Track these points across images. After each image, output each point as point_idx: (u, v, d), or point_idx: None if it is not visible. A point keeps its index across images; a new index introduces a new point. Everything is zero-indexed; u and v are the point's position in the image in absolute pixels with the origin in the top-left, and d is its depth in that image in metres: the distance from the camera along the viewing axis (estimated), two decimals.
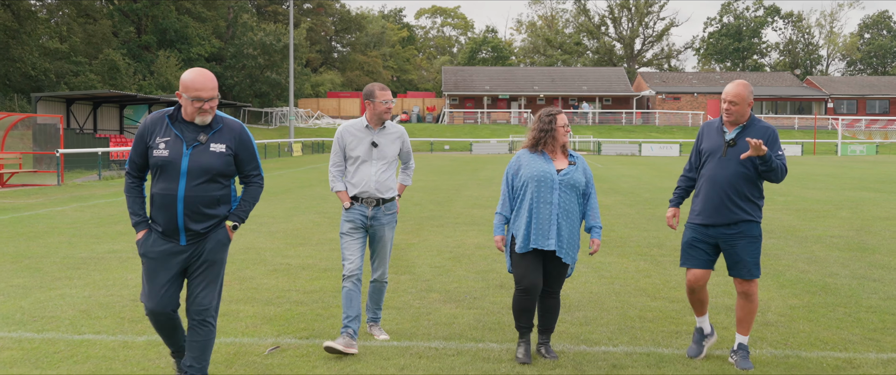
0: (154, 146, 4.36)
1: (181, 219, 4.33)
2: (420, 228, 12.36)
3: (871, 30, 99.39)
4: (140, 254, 4.46)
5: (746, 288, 5.25)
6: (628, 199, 17.79)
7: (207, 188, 4.36)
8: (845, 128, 60.94)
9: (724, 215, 5.20)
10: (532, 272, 5.20)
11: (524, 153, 5.41)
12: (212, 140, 4.39)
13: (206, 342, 4.47)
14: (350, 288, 5.54)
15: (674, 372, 5.10)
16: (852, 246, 10.62)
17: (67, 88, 45.79)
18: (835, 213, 14.75)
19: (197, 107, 4.31)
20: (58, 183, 22.98)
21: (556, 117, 5.37)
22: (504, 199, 5.41)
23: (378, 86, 5.72)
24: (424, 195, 18.37)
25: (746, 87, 5.22)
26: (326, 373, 5.04)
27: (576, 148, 54.76)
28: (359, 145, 5.68)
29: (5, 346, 5.58)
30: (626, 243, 10.86)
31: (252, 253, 9.78)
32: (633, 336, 5.94)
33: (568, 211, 5.25)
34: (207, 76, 4.34)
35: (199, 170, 4.32)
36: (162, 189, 4.35)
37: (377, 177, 5.66)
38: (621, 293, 7.52)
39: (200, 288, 4.44)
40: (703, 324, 5.49)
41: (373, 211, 5.67)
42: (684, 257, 5.41)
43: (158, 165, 4.34)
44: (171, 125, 4.40)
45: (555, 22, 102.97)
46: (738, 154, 5.18)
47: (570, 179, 5.28)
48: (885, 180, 25.14)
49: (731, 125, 5.30)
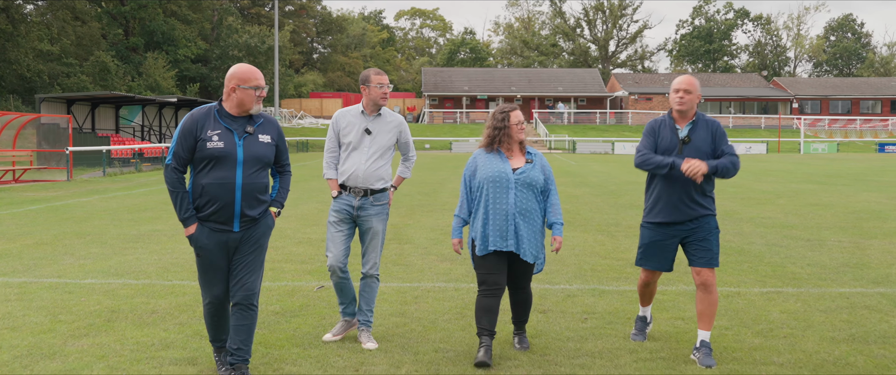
0: (207, 139, 4.50)
1: (238, 206, 4.52)
2: (412, 213, 14.31)
3: (836, 32, 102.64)
4: (195, 247, 4.62)
5: (706, 277, 5.23)
6: (596, 191, 19.85)
7: (260, 176, 4.61)
8: (808, 127, 63.62)
9: (684, 212, 5.24)
10: (495, 273, 5.17)
11: (480, 153, 5.33)
12: (258, 131, 4.63)
13: (251, 325, 4.64)
14: (338, 280, 5.60)
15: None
16: (777, 224, 12.70)
17: (61, 89, 47.26)
18: (774, 201, 16.87)
19: (257, 95, 4.57)
20: (68, 178, 24.68)
21: (510, 114, 5.27)
22: (462, 201, 5.36)
23: (374, 71, 5.58)
24: (412, 188, 20.32)
25: (695, 78, 5.34)
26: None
27: (551, 146, 56.91)
28: (352, 131, 5.54)
29: (116, 288, 7.47)
30: (588, 222, 12.90)
31: (274, 231, 11.70)
32: (584, 280, 7.96)
33: (525, 211, 5.17)
34: (256, 68, 4.63)
35: (253, 159, 4.56)
36: (218, 178, 4.50)
37: (367, 166, 5.50)
38: (580, 255, 9.53)
39: (248, 272, 4.61)
40: (646, 313, 5.80)
41: (360, 201, 5.52)
42: (643, 258, 5.48)
43: (213, 157, 4.50)
44: (220, 119, 4.58)
45: (531, 24, 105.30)
46: (694, 150, 5.22)
47: (526, 178, 5.19)
48: (832, 175, 27.41)
49: (682, 118, 5.32)
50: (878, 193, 18.91)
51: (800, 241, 10.79)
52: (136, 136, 38.06)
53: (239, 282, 4.59)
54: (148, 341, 5.59)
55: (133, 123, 38.40)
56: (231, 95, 4.58)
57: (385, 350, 5.43)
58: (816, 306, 6.80)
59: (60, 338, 5.67)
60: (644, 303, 5.80)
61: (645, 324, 5.80)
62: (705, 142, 5.26)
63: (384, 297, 7.06)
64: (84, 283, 7.68)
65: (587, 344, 5.59)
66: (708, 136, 5.28)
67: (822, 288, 7.57)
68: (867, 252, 9.84)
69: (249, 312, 4.61)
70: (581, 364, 5.13)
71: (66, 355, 5.26)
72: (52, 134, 29.13)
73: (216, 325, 4.86)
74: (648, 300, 5.77)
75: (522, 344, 5.45)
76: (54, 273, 8.25)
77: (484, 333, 5.13)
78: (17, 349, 5.40)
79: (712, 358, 5.11)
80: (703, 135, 5.28)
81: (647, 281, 5.63)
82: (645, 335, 5.77)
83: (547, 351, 5.40)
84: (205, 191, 4.52)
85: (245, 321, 4.60)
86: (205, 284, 4.70)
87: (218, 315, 4.80)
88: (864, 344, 5.61)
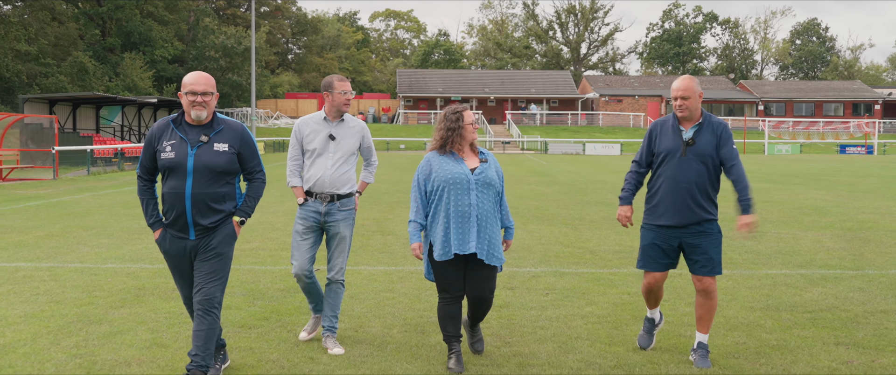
0: (161, 149, 4.62)
1: (190, 215, 4.58)
2: (392, 209, 15.36)
3: (802, 36, 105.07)
4: (162, 252, 4.80)
5: (707, 284, 5.19)
6: (564, 189, 21.01)
7: (213, 185, 4.61)
8: (772, 129, 65.46)
9: (688, 216, 5.15)
10: (455, 280, 5.09)
11: (433, 155, 5.18)
12: (214, 140, 4.64)
13: (210, 331, 4.63)
14: (305, 285, 5.68)
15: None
16: (726, 219, 13.72)
17: (39, 89, 47.69)
18: (728, 198, 18.02)
19: (191, 101, 4.56)
20: (54, 177, 25.40)
21: (463, 114, 5.15)
22: (417, 207, 5.17)
23: (336, 77, 5.60)
24: (390, 186, 21.35)
25: (693, 80, 5.18)
26: (353, 283, 8.03)
27: (524, 147, 58.17)
28: (316, 138, 5.55)
29: (136, 271, 8.45)
30: (554, 217, 14.04)
31: (266, 225, 12.67)
32: (548, 264, 9.07)
33: (486, 211, 5.08)
34: (203, 74, 4.65)
35: (205, 169, 4.58)
36: (171, 188, 4.61)
37: (332, 172, 5.52)
38: (545, 244, 10.65)
39: (207, 280, 4.63)
40: (654, 315, 5.66)
41: (327, 206, 5.54)
42: (645, 260, 5.37)
43: (167, 167, 4.61)
44: (176, 129, 4.66)
45: (505, 26, 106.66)
46: (697, 153, 5.13)
47: (484, 177, 5.10)
48: (789, 175, 28.83)
49: (687, 122, 5.21)
50: (826, 191, 20.26)
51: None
52: (116, 136, 38.70)
53: (198, 288, 4.63)
54: (177, 311, 6.60)
55: (113, 123, 39.04)
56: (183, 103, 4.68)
57: (378, 316, 6.49)
58: (744, 284, 7.96)
59: (101, 309, 6.66)
60: (651, 306, 5.62)
61: (653, 325, 5.63)
62: (710, 144, 5.16)
63: (373, 278, 8.12)
64: (106, 267, 8.66)
65: (546, 312, 6.69)
66: (712, 139, 5.17)
67: (752, 270, 8.74)
68: (800, 241, 11.05)
69: (208, 317, 4.61)
70: (541, 326, 6.22)
71: (110, 321, 6.26)
72: (37, 134, 29.77)
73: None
74: (655, 303, 5.60)
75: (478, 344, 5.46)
76: (76, 259, 9.21)
77: (452, 339, 5.11)
78: (66, 317, 6.39)
79: (708, 360, 5.15)
80: (708, 137, 5.17)
81: (650, 287, 5.45)
82: (653, 336, 5.60)
83: (512, 317, 6.50)
84: (164, 200, 4.67)
85: (202, 326, 4.60)
86: (180, 288, 4.93)
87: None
88: (775, 311, 6.77)
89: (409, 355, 5.42)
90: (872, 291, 7.61)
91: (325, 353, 5.45)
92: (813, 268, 8.90)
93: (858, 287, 7.82)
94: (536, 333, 6.04)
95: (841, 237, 11.52)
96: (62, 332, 5.95)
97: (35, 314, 6.49)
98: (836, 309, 6.84)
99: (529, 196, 18.45)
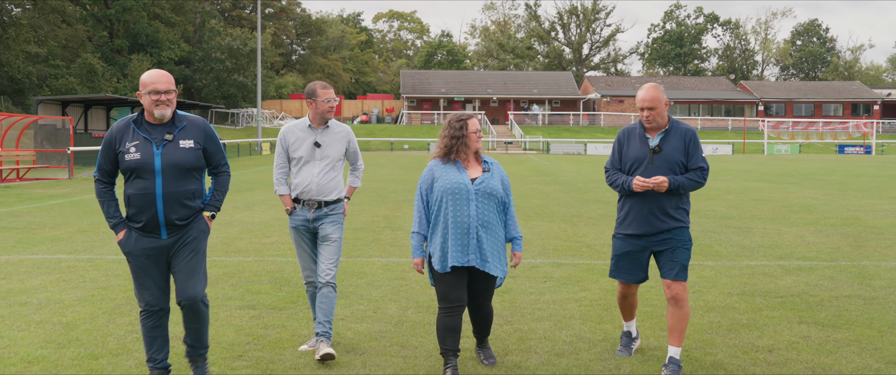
0: (124, 151, 4.53)
1: (162, 215, 4.53)
2: (399, 206, 16.13)
3: (802, 37, 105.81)
4: (125, 253, 4.64)
5: (676, 290, 5.14)
6: (565, 188, 21.78)
7: (183, 182, 4.59)
8: (772, 129, 66.20)
9: (656, 224, 5.15)
10: (456, 289, 4.98)
11: (436, 163, 5.13)
12: (179, 137, 4.60)
13: (201, 324, 4.73)
14: (313, 292, 5.75)
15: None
16: (717, 216, 14.66)
17: (49, 91, 48.57)
18: (722, 197, 18.86)
19: (154, 100, 4.50)
20: (69, 177, 26.22)
21: (468, 122, 5.08)
22: (419, 217, 5.12)
23: (320, 84, 5.58)
24: (397, 185, 22.13)
25: (658, 89, 5.13)
26: (353, 283, 8.79)
27: (526, 147, 58.94)
28: (301, 146, 5.56)
29: None
30: (554, 214, 14.81)
31: (282, 221, 13.44)
32: (546, 256, 9.85)
33: (487, 222, 4.98)
34: (162, 72, 4.60)
35: (173, 167, 4.54)
36: (139, 188, 4.52)
37: (319, 179, 5.54)
38: (545, 238, 11.42)
39: (186, 277, 4.62)
40: (631, 328, 5.65)
41: (314, 213, 5.56)
42: (617, 270, 5.39)
43: (132, 168, 4.52)
44: (137, 129, 4.57)
45: (507, 27, 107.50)
46: (665, 160, 5.13)
47: (485, 187, 5.01)
48: (785, 174, 29.56)
49: (653, 130, 5.21)
50: (818, 190, 21.00)
51: (731, 228, 12.74)
52: None
53: (180, 288, 4.65)
54: (217, 295, 7.38)
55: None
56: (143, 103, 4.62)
57: (393, 299, 7.27)
58: (725, 273, 8.73)
59: None
60: (626, 318, 5.65)
61: (631, 340, 5.63)
62: (678, 150, 5.16)
63: (387, 267, 8.90)
64: None
65: (544, 296, 7.46)
66: (681, 145, 5.18)
67: (735, 262, 9.51)
68: (783, 236, 11.80)
69: (195, 313, 4.68)
70: (539, 308, 6.99)
71: None
72: (51, 134, 30.60)
73: (151, 340, 4.76)
74: (630, 313, 5.62)
75: (489, 359, 5.32)
76: (112, 251, 9.99)
77: (449, 353, 5.02)
78: (115, 300, 7.17)
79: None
80: (676, 143, 5.17)
81: (624, 294, 5.52)
82: (631, 350, 5.59)
83: (514, 300, 7.27)
84: (131, 202, 4.58)
85: (194, 322, 4.71)
86: (137, 289, 4.70)
87: (151, 324, 4.73)
88: (750, 296, 7.53)
89: (424, 331, 6.18)
90: (841, 279, 8.36)
91: (351, 328, 6.22)
92: (791, 260, 9.66)
93: (829, 276, 8.57)
94: (534, 313, 6.81)
95: (822, 232, 12.28)
96: (115, 313, 6.72)
97: (87, 298, 7.27)
98: (805, 295, 7.60)
99: (531, 195, 19.21)
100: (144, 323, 4.72)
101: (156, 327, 4.72)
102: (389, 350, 5.67)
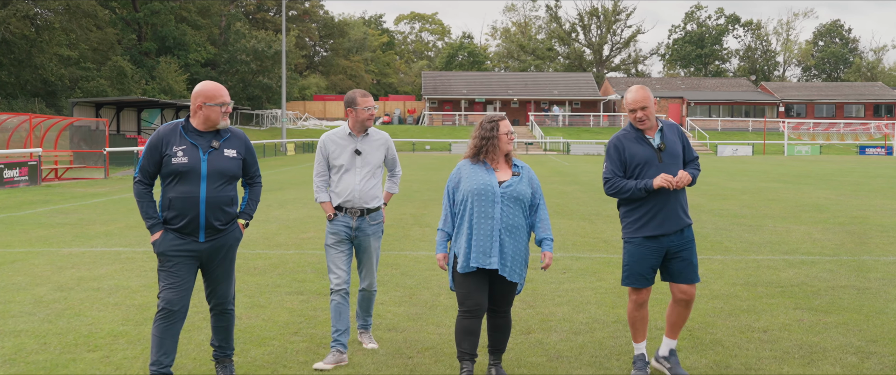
0: (171, 154, 4.71)
1: (203, 219, 4.74)
2: (426, 205, 16.90)
3: (824, 38, 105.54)
4: (158, 253, 4.78)
5: (690, 294, 5.22)
6: (584, 188, 22.46)
7: (225, 189, 4.81)
8: (792, 130, 66.35)
9: (675, 222, 5.15)
10: (475, 292, 4.95)
11: (465, 164, 5.10)
12: (224, 146, 4.84)
13: (229, 325, 5.11)
14: (339, 302, 5.63)
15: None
16: (730, 215, 15.29)
17: (81, 93, 49.90)
18: (737, 197, 19.46)
19: (223, 111, 4.79)
20: (105, 176, 27.23)
21: (499, 123, 5.05)
22: (446, 215, 5.13)
23: (360, 92, 5.67)
24: (421, 184, 22.91)
25: (646, 89, 5.17)
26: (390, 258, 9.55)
27: (546, 148, 59.55)
28: (342, 153, 5.63)
29: None
30: (574, 212, 15.52)
31: (316, 219, 14.25)
32: (566, 250, 10.57)
33: (511, 227, 4.94)
34: (221, 85, 4.85)
35: (217, 174, 4.76)
36: (183, 192, 4.72)
37: (361, 186, 5.60)
38: (564, 234, 12.13)
39: (220, 281, 4.95)
40: (643, 350, 5.37)
41: (357, 221, 5.63)
42: (632, 278, 5.21)
43: (178, 172, 4.71)
44: (186, 135, 4.78)
45: (528, 28, 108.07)
46: (672, 156, 5.17)
47: (512, 191, 4.96)
48: (802, 175, 30.00)
49: (649, 131, 5.24)
50: (832, 191, 21.51)
51: (743, 226, 13.38)
52: None
53: (212, 292, 4.97)
54: (263, 283, 8.18)
55: (153, 125, 41.03)
56: (198, 112, 4.79)
57: (426, 287, 8.02)
58: (732, 266, 9.40)
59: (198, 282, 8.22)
60: (638, 339, 5.35)
61: (645, 364, 5.33)
62: (677, 145, 5.27)
63: (418, 260, 9.66)
64: None
65: (563, 285, 8.19)
66: (677, 139, 5.28)
67: (742, 256, 10.18)
68: (792, 234, 12.44)
69: (225, 316, 5.06)
70: (558, 295, 7.73)
71: None
72: (87, 136, 31.67)
73: (160, 342, 4.76)
74: (642, 331, 5.33)
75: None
76: None
77: (465, 357, 5.00)
78: None
79: (681, 367, 5.25)
80: (673, 138, 5.27)
81: (639, 302, 5.26)
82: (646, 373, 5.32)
83: (536, 288, 8.00)
84: (172, 205, 4.73)
85: (222, 323, 5.07)
86: (163, 289, 4.77)
87: (166, 325, 4.75)
88: (753, 286, 8.21)
89: (455, 313, 6.91)
90: (840, 272, 9.01)
91: (391, 310, 6.98)
92: (795, 255, 10.31)
93: (829, 269, 9.23)
94: (555, 299, 7.54)
95: (830, 230, 12.90)
96: None
97: (151, 284, 8.08)
98: (804, 285, 8.27)
99: (551, 194, 19.90)
100: (159, 324, 4.75)
101: (169, 328, 4.75)
102: (426, 329, 6.43)
